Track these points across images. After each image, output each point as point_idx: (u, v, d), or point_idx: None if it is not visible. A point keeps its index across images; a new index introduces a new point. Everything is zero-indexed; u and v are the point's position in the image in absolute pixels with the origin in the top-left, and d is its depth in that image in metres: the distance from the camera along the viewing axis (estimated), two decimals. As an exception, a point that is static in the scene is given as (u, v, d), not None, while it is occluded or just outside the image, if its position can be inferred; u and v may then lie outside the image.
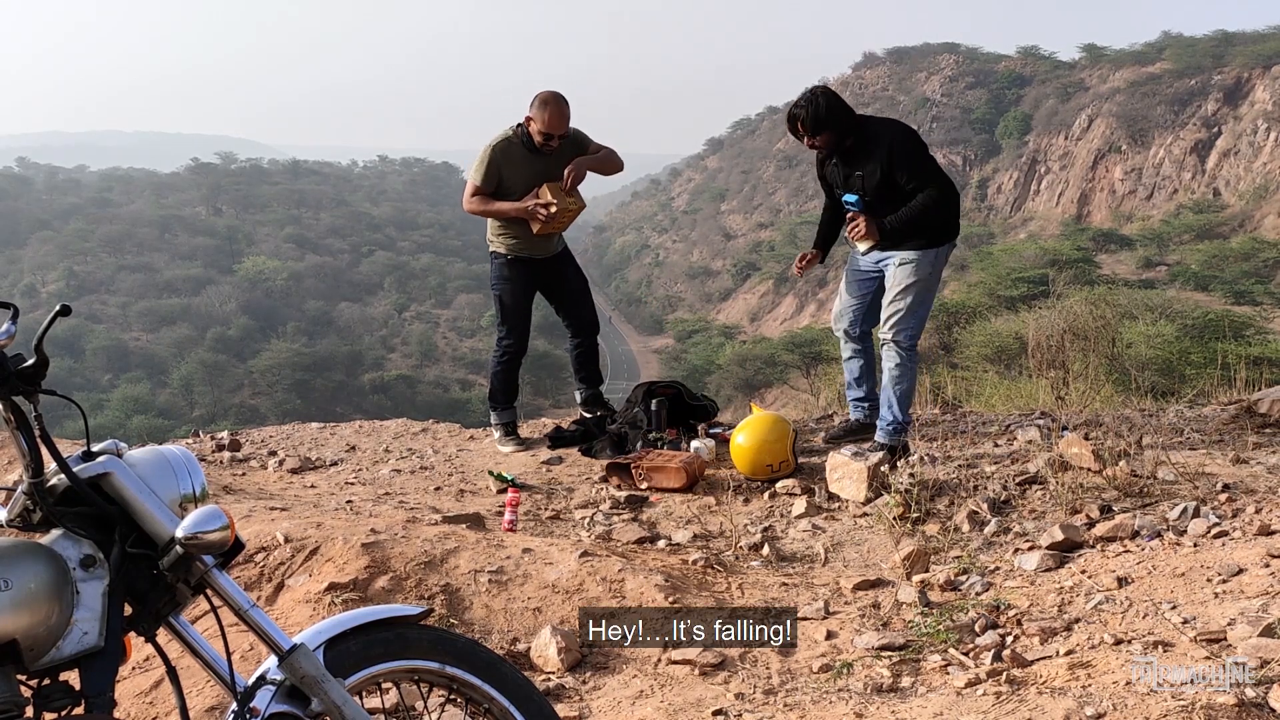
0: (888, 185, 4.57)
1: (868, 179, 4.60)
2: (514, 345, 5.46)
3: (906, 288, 4.64)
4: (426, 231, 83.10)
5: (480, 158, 5.20)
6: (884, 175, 4.54)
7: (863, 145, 4.59)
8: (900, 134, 4.63)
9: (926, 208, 4.55)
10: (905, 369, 4.69)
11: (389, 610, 1.96)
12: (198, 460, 1.83)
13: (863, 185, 4.63)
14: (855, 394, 5.12)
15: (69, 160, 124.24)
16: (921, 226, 4.61)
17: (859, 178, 4.62)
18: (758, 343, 46.32)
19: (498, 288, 5.42)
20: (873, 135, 4.59)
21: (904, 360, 4.68)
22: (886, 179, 4.55)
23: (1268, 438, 4.85)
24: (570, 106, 5.10)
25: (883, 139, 4.56)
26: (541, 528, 4.36)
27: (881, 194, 4.59)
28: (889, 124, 4.74)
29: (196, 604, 1.78)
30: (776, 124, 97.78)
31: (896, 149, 4.54)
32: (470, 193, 5.24)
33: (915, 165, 4.58)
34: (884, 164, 4.51)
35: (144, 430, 33.97)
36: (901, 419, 4.73)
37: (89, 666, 1.62)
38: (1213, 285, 39.75)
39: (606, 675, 3.05)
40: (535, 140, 5.09)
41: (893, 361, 4.68)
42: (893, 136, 4.58)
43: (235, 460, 5.66)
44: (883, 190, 4.58)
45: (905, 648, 3.01)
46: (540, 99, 5.08)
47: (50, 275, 63.85)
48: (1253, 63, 57.61)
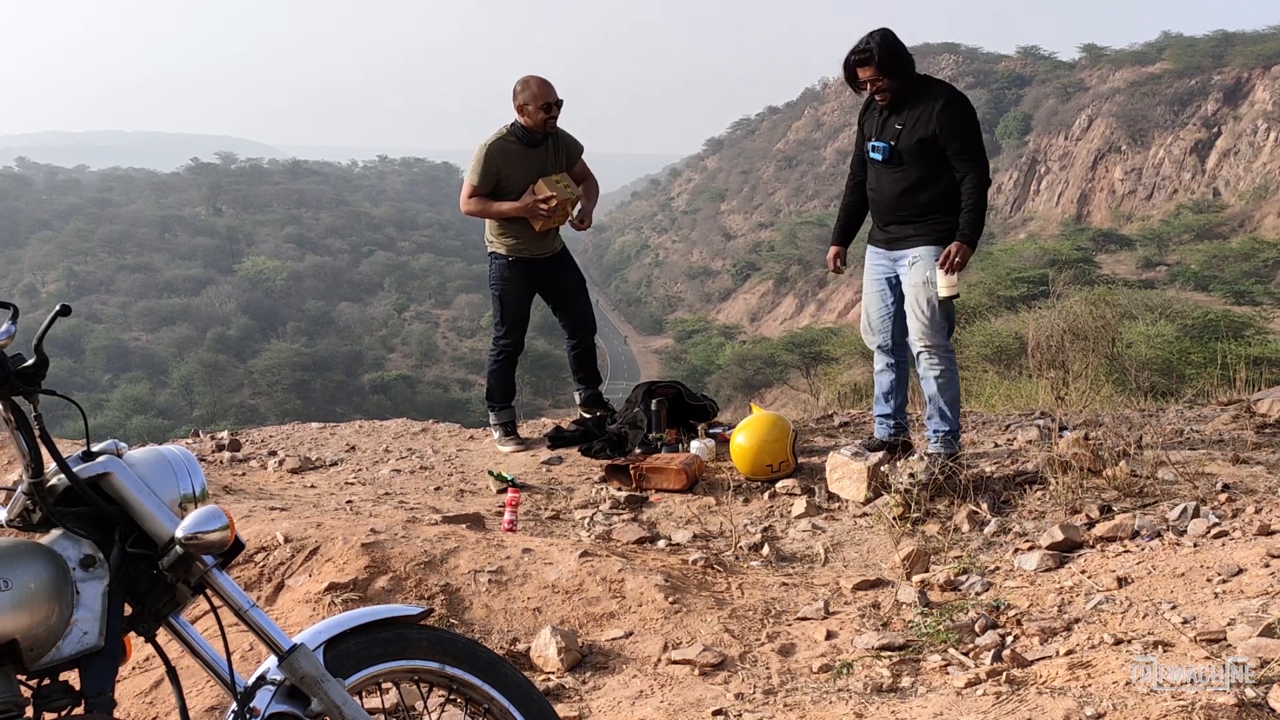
0: (927, 145, 4.28)
1: (907, 131, 4.31)
2: (511, 345, 5.46)
3: (927, 284, 4.36)
4: (426, 231, 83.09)
5: (476, 158, 5.18)
6: (929, 134, 4.26)
7: (915, 96, 4.32)
8: (959, 97, 4.35)
9: (982, 199, 4.29)
10: (949, 373, 4.44)
11: (389, 610, 1.95)
12: (198, 460, 1.83)
13: (897, 136, 4.34)
14: (883, 409, 4.75)
15: (69, 160, 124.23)
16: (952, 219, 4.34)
17: (898, 129, 4.34)
18: (757, 343, 46.32)
19: (497, 288, 5.42)
20: (929, 89, 4.34)
21: (946, 364, 4.43)
22: (929, 139, 4.26)
23: (1268, 438, 4.85)
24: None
25: (938, 95, 4.29)
26: (541, 528, 4.36)
27: (916, 153, 4.30)
28: (948, 85, 4.45)
29: (196, 604, 1.78)
30: (777, 124, 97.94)
31: (952, 110, 4.26)
32: (467, 194, 5.22)
33: (969, 135, 4.30)
34: (933, 122, 4.25)
35: (144, 430, 33.97)
36: (956, 424, 4.51)
37: (89, 666, 1.62)
38: (1213, 285, 39.73)
39: (606, 675, 3.05)
40: (535, 121, 5.08)
41: (935, 370, 4.41)
42: (951, 95, 4.31)
43: (235, 460, 5.66)
44: (919, 149, 4.29)
45: (905, 648, 3.01)
46: (521, 82, 5.11)
47: (50, 275, 63.83)
48: (1253, 63, 57.60)
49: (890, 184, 4.44)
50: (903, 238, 4.45)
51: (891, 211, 4.48)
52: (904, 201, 4.41)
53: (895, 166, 4.38)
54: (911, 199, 4.40)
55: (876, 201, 4.55)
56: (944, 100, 4.26)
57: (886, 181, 4.45)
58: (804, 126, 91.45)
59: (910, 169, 4.35)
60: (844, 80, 4.43)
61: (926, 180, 4.35)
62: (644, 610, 3.33)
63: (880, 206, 4.55)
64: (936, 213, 4.38)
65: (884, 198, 4.50)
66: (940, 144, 4.26)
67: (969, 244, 4.29)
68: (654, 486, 4.72)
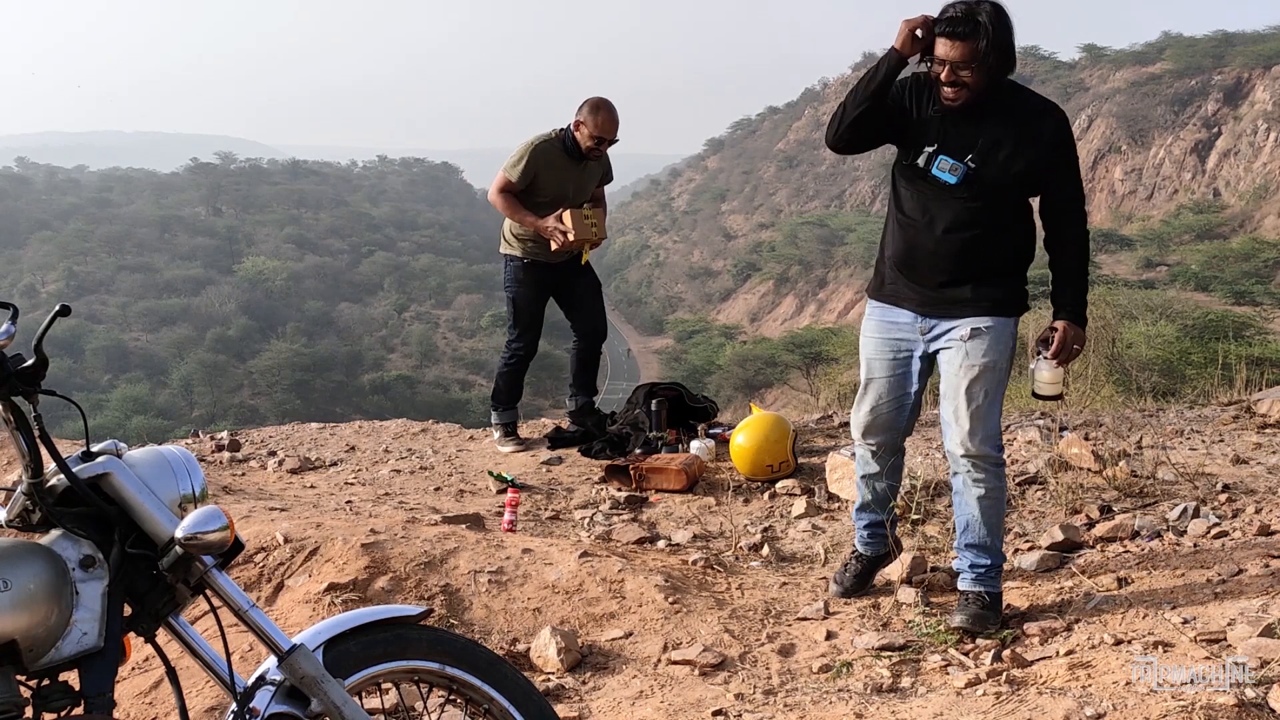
0: (1024, 180, 3.06)
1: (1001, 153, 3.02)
2: (524, 349, 5.43)
3: (984, 372, 3.07)
4: (426, 232, 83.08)
5: (519, 153, 5.13)
6: (1031, 164, 3.02)
7: (1007, 106, 3.04)
8: (1067, 123, 3.13)
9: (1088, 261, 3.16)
10: (996, 492, 3.15)
11: (389, 611, 1.95)
12: (197, 460, 1.83)
13: (984, 157, 3.03)
14: (866, 520, 3.49)
15: (68, 160, 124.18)
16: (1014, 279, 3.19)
17: (987, 146, 3.03)
18: (758, 343, 46.33)
19: (511, 290, 5.38)
20: (1026, 100, 3.09)
21: (995, 481, 3.14)
22: (1027, 173, 3.04)
23: (1268, 438, 4.85)
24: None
25: (1047, 113, 3.07)
26: (541, 528, 4.36)
27: (1008, 186, 3.06)
28: (1052, 104, 3.16)
29: (196, 604, 1.78)
30: (777, 124, 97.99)
31: (1065, 135, 3.09)
32: (501, 185, 5.16)
33: (1077, 174, 3.15)
34: (1037, 152, 3.02)
35: (143, 430, 33.96)
36: (1002, 556, 3.24)
37: (88, 667, 1.62)
38: (1213, 285, 39.74)
39: (606, 675, 3.05)
40: (583, 145, 5.09)
41: (980, 489, 3.12)
42: (1061, 121, 3.08)
43: (235, 460, 5.66)
44: (1013, 183, 3.06)
45: (905, 648, 3.01)
46: (592, 104, 5.09)
47: (50, 275, 63.82)
48: (1253, 63, 57.61)
49: (954, 220, 3.09)
50: (954, 299, 3.13)
51: (949, 261, 3.12)
52: (972, 251, 3.09)
53: (970, 199, 3.07)
54: (984, 249, 3.10)
55: (920, 245, 3.16)
56: (1056, 122, 3.06)
57: (949, 215, 3.09)
58: (804, 126, 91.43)
59: (991, 207, 3.08)
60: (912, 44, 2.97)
61: (1009, 225, 3.13)
62: (644, 610, 3.33)
63: (928, 251, 3.15)
64: (1010, 275, 3.17)
65: (938, 241, 3.12)
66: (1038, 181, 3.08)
67: (1083, 324, 3.13)
68: (654, 487, 4.72)
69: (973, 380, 3.07)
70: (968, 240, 3.09)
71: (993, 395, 3.09)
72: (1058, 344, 3.05)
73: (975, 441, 3.08)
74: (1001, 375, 3.10)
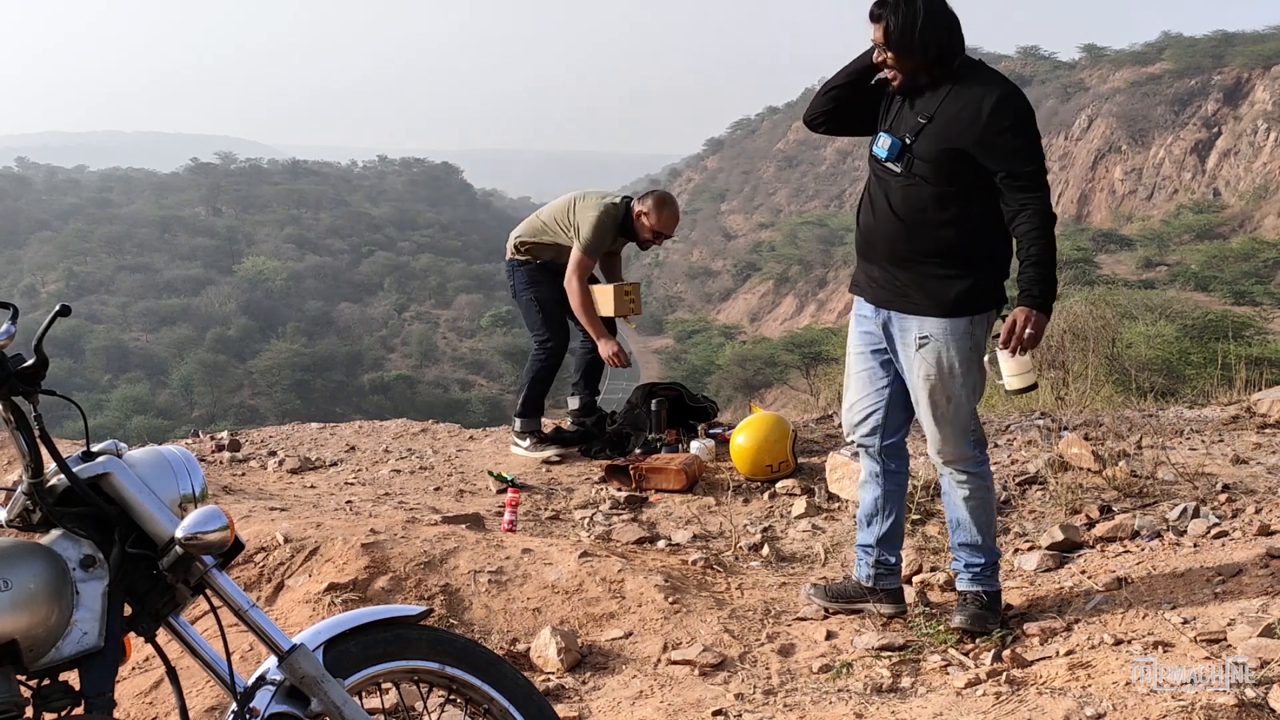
0: (958, 159, 2.92)
1: (932, 130, 2.94)
2: (557, 345, 5.35)
3: (941, 380, 3.01)
4: (426, 232, 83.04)
5: (596, 225, 5.03)
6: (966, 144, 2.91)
7: (951, 91, 2.93)
8: (1015, 94, 2.95)
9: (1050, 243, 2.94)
10: (981, 492, 3.12)
11: (389, 610, 1.96)
12: (197, 460, 1.83)
13: (917, 132, 2.96)
14: (865, 537, 3.31)
15: (69, 160, 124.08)
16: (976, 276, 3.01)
17: (920, 122, 2.96)
18: (758, 343, 46.31)
19: (529, 291, 5.33)
20: (973, 77, 2.95)
21: (978, 482, 3.12)
22: (963, 151, 2.91)
23: (1268, 438, 4.85)
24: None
25: (988, 97, 2.89)
26: (541, 528, 4.36)
27: (941, 164, 2.94)
28: (998, 75, 3.01)
29: (196, 604, 1.78)
30: (777, 124, 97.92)
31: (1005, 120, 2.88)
32: (585, 262, 5.08)
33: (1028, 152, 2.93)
34: (972, 129, 2.89)
35: (144, 430, 33.96)
36: (995, 552, 3.17)
37: (89, 667, 1.62)
38: (1213, 285, 39.75)
39: (606, 675, 3.05)
40: (641, 235, 5.15)
41: (964, 490, 3.11)
42: (1001, 98, 2.89)
43: (235, 460, 5.66)
44: (946, 161, 2.93)
45: (905, 648, 3.01)
46: (658, 199, 5.16)
47: (50, 275, 63.81)
48: (1253, 63, 57.62)
49: (895, 200, 3.03)
50: (902, 292, 3.05)
51: (889, 244, 3.06)
52: (912, 231, 3.00)
53: (905, 176, 2.99)
54: (923, 230, 3.00)
55: (867, 226, 3.13)
56: (997, 99, 2.89)
57: (891, 196, 3.03)
58: (804, 126, 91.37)
59: (927, 184, 2.97)
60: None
61: (950, 204, 2.97)
62: (644, 610, 3.33)
63: (873, 233, 3.11)
64: (957, 261, 2.99)
65: (881, 220, 3.07)
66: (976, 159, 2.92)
67: (1043, 309, 2.91)
68: (654, 487, 4.72)
69: (931, 390, 3.01)
70: (909, 223, 3.00)
71: (957, 399, 3.02)
72: (1005, 331, 2.92)
73: (949, 449, 3.07)
74: (963, 378, 3.00)
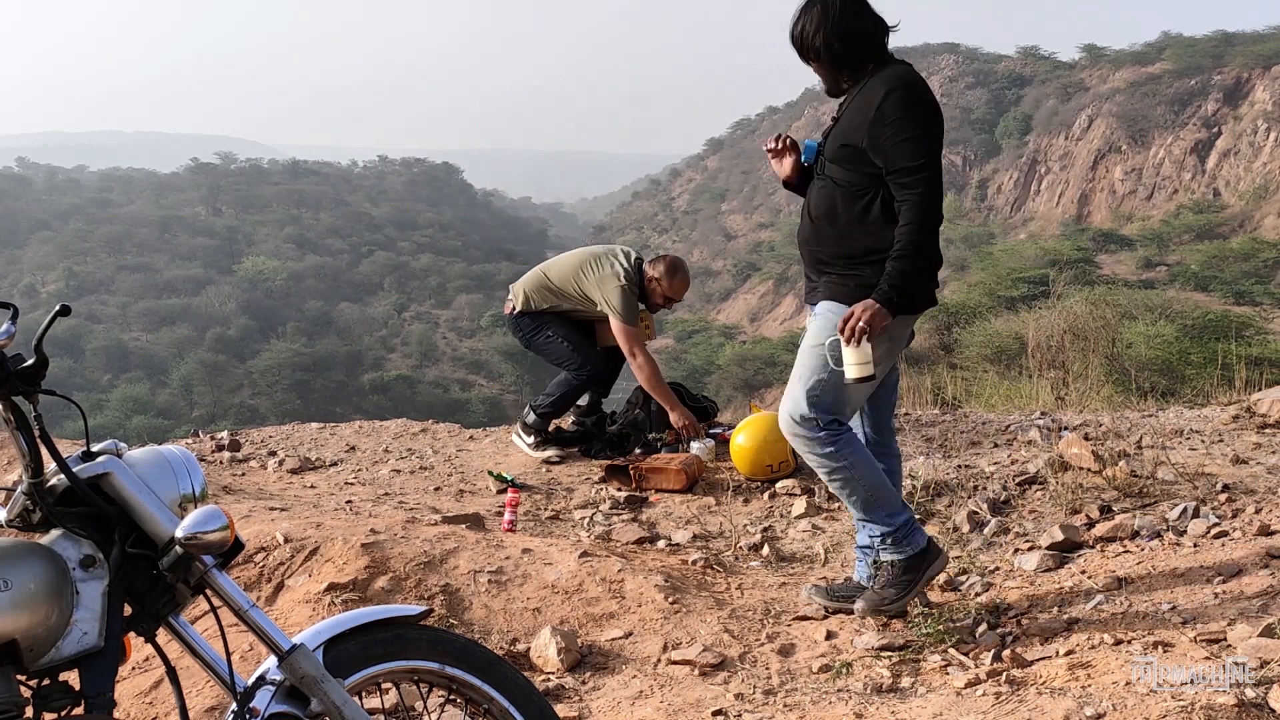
0: (856, 154, 2.94)
1: (836, 129, 3.03)
2: (594, 367, 5.31)
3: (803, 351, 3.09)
4: (426, 232, 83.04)
5: (623, 294, 5.12)
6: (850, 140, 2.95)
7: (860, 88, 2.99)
8: (906, 85, 2.90)
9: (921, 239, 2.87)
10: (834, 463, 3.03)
11: (389, 610, 1.95)
12: (197, 460, 1.83)
13: (826, 136, 3.09)
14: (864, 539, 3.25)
15: (69, 160, 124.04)
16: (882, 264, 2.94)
17: (830, 123, 3.09)
18: (758, 343, 46.29)
19: (544, 331, 5.31)
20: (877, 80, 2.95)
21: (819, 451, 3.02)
22: (859, 151, 2.93)
23: (1268, 438, 4.85)
24: None
25: (882, 86, 2.91)
26: (541, 528, 4.36)
27: (840, 161, 3.00)
28: (900, 70, 2.96)
29: (196, 604, 1.78)
30: (777, 124, 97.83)
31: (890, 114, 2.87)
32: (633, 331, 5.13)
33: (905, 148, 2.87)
34: (863, 125, 2.91)
35: (144, 430, 33.96)
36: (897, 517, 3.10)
37: (89, 667, 1.62)
38: (1213, 285, 39.73)
39: (606, 675, 3.05)
40: (654, 300, 5.24)
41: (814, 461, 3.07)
42: (888, 93, 2.88)
43: (235, 460, 5.66)
44: (845, 158, 2.98)
45: (905, 648, 3.01)
46: (672, 264, 5.24)
47: (50, 275, 63.81)
48: (1253, 63, 57.62)
49: (813, 202, 3.11)
50: (815, 289, 3.14)
51: (808, 247, 3.15)
52: (822, 234, 3.07)
53: (820, 177, 3.10)
54: (832, 231, 3.04)
55: (799, 231, 3.24)
56: (884, 94, 2.88)
57: (812, 199, 3.12)
58: (804, 126, 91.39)
59: (836, 185, 3.01)
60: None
61: (854, 203, 2.98)
62: (644, 610, 3.34)
63: (800, 237, 3.22)
64: (861, 262, 2.99)
65: (803, 224, 3.18)
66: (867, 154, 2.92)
67: (886, 303, 2.87)
68: (654, 487, 4.72)
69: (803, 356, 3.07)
70: (820, 224, 3.07)
71: (802, 370, 3.04)
72: (844, 319, 2.89)
73: (784, 417, 3.07)
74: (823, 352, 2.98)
